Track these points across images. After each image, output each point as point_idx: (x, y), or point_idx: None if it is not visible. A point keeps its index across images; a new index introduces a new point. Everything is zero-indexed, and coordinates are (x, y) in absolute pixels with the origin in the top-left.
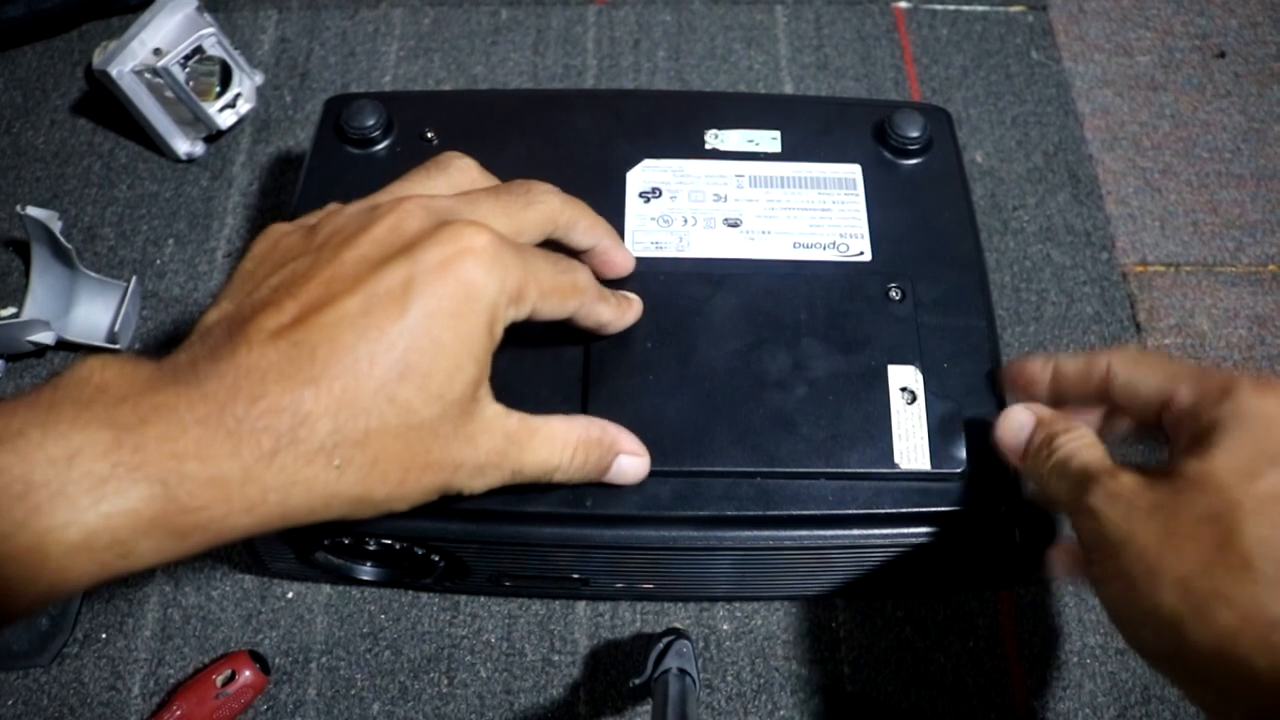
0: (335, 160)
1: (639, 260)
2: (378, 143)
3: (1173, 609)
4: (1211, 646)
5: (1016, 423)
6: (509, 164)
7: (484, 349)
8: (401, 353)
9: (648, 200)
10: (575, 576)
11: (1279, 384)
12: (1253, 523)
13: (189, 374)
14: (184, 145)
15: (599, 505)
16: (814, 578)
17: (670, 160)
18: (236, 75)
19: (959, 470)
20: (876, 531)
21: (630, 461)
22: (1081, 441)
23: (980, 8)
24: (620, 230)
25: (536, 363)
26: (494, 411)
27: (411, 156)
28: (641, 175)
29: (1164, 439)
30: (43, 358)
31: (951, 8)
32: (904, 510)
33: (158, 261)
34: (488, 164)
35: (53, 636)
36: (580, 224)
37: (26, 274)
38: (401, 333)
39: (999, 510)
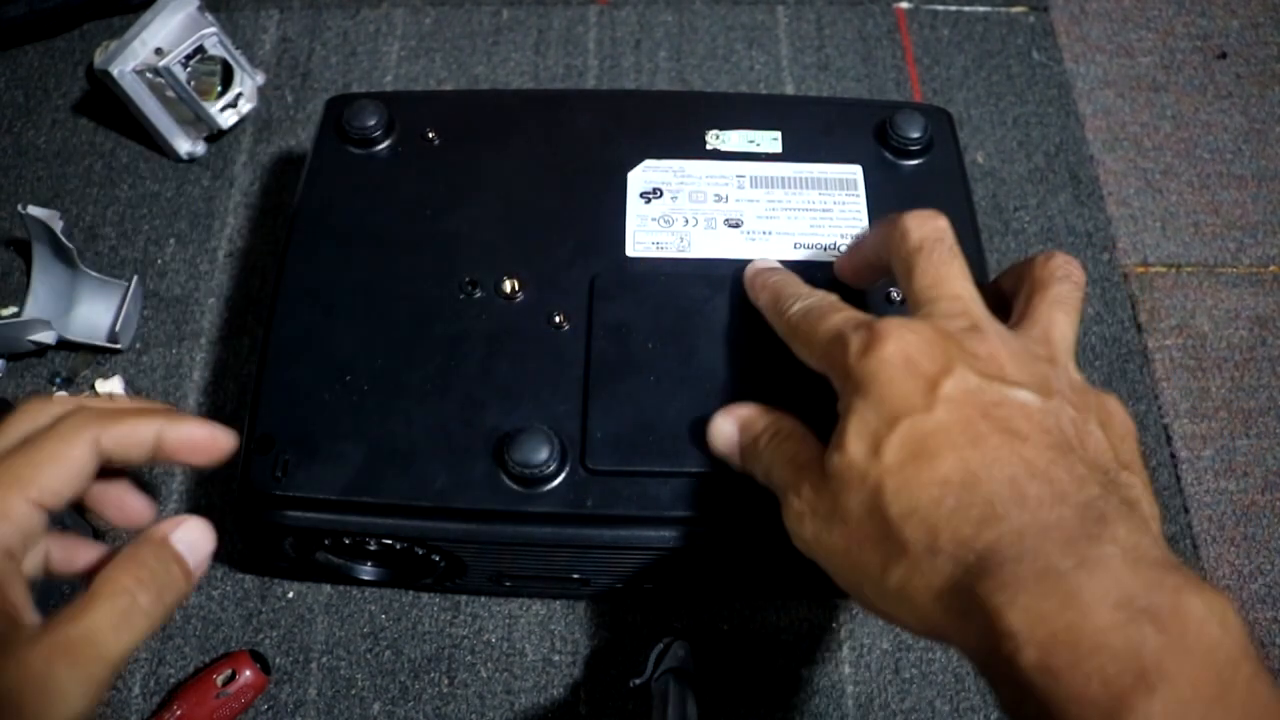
0: (337, 160)
1: (641, 260)
2: (379, 142)
3: (883, 610)
4: (923, 630)
5: (722, 435)
6: (509, 164)
7: None
8: None
9: (648, 200)
10: (575, 576)
11: (880, 328)
12: (893, 501)
13: None
14: (185, 145)
15: (599, 505)
16: (814, 578)
17: (671, 160)
18: (238, 75)
19: None
20: None
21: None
22: (776, 447)
23: (982, 8)
24: (621, 230)
25: (537, 363)
26: None
27: (413, 156)
28: (642, 175)
29: None
30: (43, 357)
31: (953, 8)
32: None
33: (159, 261)
34: (488, 164)
35: None
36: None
37: (28, 273)
38: None
39: None
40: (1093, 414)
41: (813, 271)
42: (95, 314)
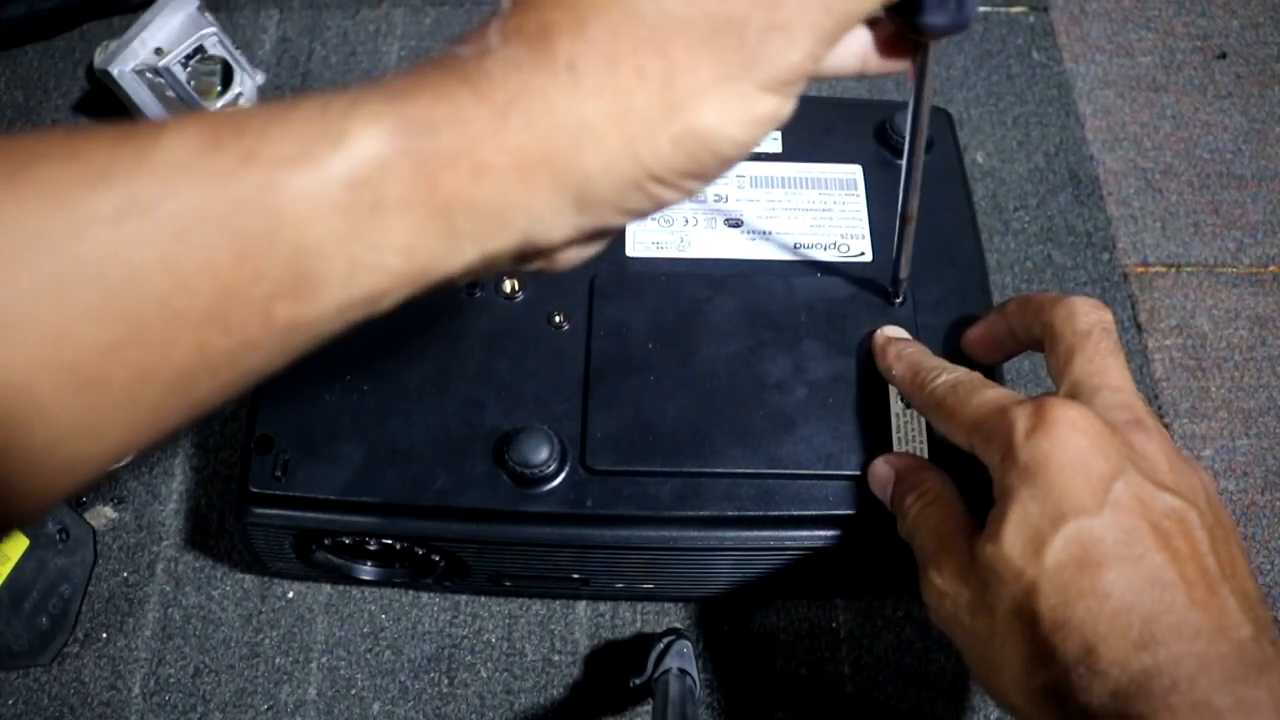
0: None
1: (641, 260)
2: None
3: (1013, 705)
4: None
5: (877, 480)
6: None
7: None
8: None
9: None
10: (575, 576)
11: (1051, 412)
12: (1046, 608)
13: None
14: None
15: (599, 505)
16: (813, 578)
17: None
18: (238, 75)
19: (958, 473)
20: (876, 533)
21: None
22: (921, 511)
23: (982, 8)
24: (621, 230)
25: (537, 363)
26: None
27: None
28: None
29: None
30: None
31: None
32: None
33: None
34: None
35: (53, 636)
36: None
37: None
38: None
39: None
40: (1219, 524)
41: (813, 271)
42: None
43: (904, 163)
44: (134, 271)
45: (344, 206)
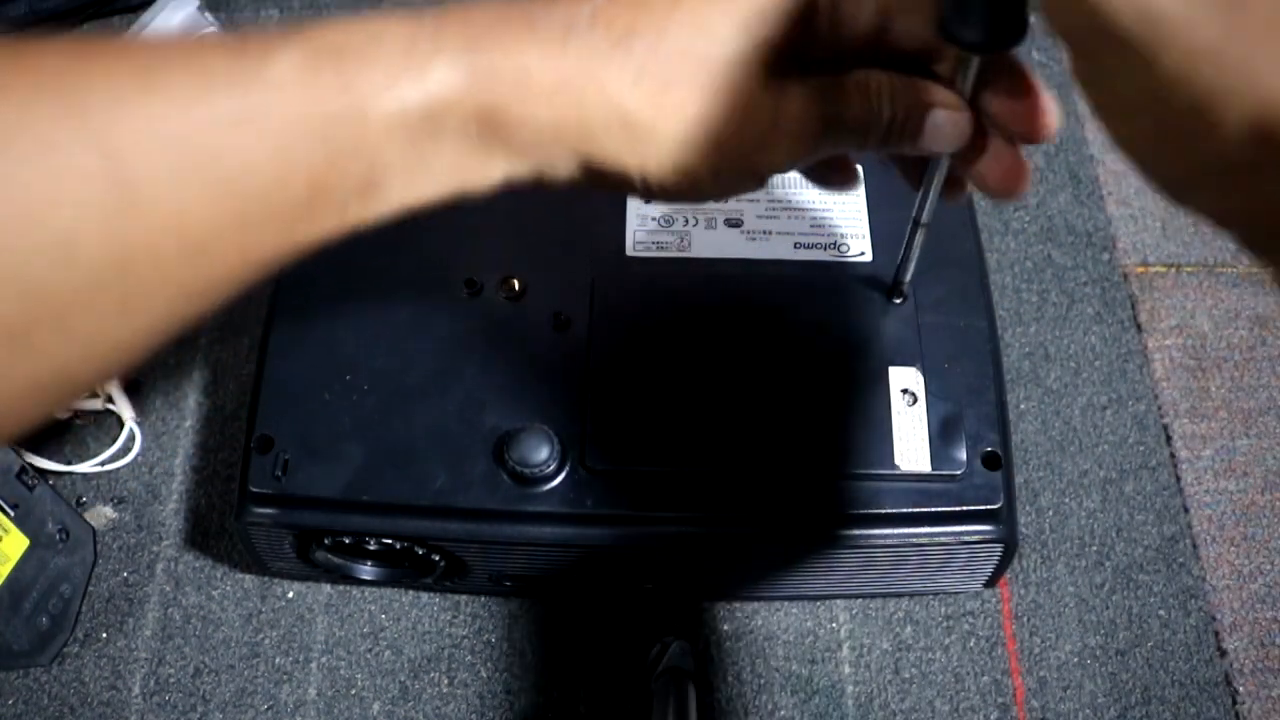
0: None
1: (639, 260)
2: None
3: (1206, 85)
4: (1248, 123)
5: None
6: None
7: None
8: None
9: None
10: (575, 576)
11: None
12: None
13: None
14: None
15: (599, 505)
16: (814, 577)
17: None
18: None
19: (959, 471)
20: (876, 532)
21: (946, 116)
22: None
23: None
24: (621, 230)
25: (537, 363)
26: (795, 79)
27: None
28: None
29: None
30: None
31: None
32: (904, 510)
33: None
34: None
35: (53, 636)
36: None
37: None
38: None
39: (997, 511)
40: None
41: (813, 271)
42: None
43: (928, 169)
44: (246, 167)
45: (414, 131)
